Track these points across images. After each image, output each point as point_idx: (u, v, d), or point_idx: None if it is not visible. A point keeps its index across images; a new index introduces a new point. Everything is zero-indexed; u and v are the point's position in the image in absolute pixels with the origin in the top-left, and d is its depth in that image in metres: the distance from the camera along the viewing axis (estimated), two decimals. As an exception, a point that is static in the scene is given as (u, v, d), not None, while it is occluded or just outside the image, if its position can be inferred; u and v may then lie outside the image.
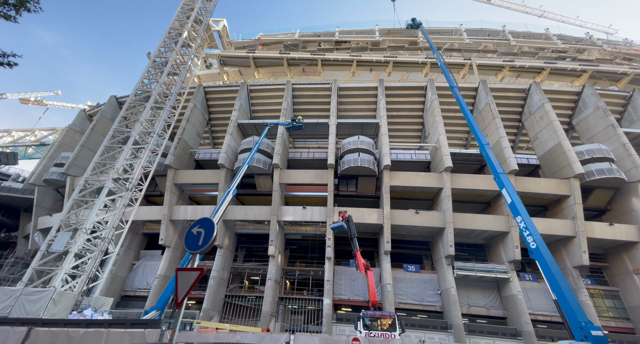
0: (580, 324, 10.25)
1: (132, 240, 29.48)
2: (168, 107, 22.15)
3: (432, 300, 25.15)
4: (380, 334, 13.38)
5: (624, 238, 23.54)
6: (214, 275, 25.31)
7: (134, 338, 6.00)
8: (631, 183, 24.30)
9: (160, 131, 23.18)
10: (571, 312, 10.73)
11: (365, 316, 14.69)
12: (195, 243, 5.15)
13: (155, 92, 21.41)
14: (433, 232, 26.70)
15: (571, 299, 10.92)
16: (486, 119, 28.54)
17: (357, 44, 37.76)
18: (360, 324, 14.29)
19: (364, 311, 15.16)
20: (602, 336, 9.74)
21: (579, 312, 10.62)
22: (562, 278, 11.57)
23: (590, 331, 9.87)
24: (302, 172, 27.44)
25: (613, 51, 36.09)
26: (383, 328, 13.72)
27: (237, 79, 40.47)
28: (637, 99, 29.69)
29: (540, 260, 12.32)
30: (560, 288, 11.30)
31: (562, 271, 24.42)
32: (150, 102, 20.87)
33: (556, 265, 12.02)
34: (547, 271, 11.94)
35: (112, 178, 17.54)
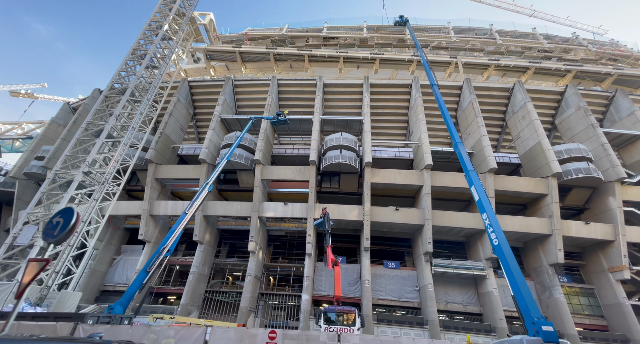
0: (533, 320, 10.42)
1: (113, 235, 29.25)
2: (146, 100, 21.87)
3: (410, 296, 25.37)
4: (339, 328, 13.48)
5: (599, 237, 23.86)
6: (194, 271, 25.24)
7: (44, 331, 5.94)
8: (608, 183, 24.60)
9: (138, 125, 22.90)
10: (526, 308, 10.89)
11: (326, 311, 14.80)
12: (52, 233, 5.05)
13: (132, 85, 21.12)
14: (413, 229, 26.86)
15: (527, 296, 11.07)
16: (469, 117, 28.63)
17: (345, 40, 37.55)
18: (322, 319, 14.39)
19: (325, 306, 15.24)
20: (552, 331, 9.90)
21: (533, 308, 10.78)
22: (520, 275, 11.72)
23: (541, 326, 10.03)
24: (285, 168, 27.38)
25: (598, 51, 36.33)
26: (346, 323, 13.82)
27: (224, 74, 40.09)
28: (619, 99, 29.96)
29: (501, 257, 12.47)
30: (518, 285, 11.45)
31: (539, 268, 24.82)
32: (126, 95, 20.59)
33: (515, 262, 12.16)
34: (506, 268, 12.09)
35: (83, 171, 17.32)
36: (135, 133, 25.18)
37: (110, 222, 29.05)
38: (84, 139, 19.09)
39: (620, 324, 22.68)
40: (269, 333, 6.21)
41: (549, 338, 9.62)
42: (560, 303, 22.50)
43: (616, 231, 23.57)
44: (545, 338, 9.62)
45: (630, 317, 22.03)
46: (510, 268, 11.88)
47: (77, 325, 6.19)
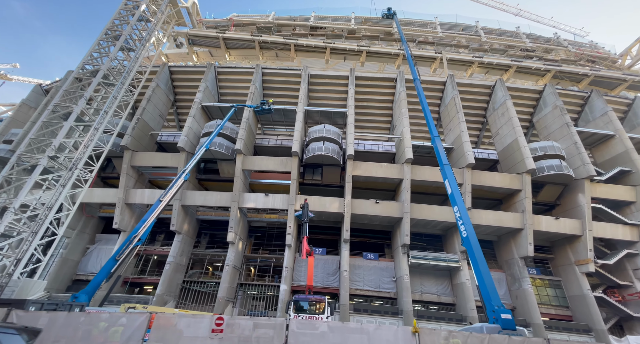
0: (494, 308, 10.82)
1: (87, 223, 28.30)
2: (120, 83, 20.93)
3: (387, 287, 25.89)
4: (308, 317, 13.64)
5: (568, 232, 24.92)
6: (170, 260, 24.83)
7: (-27, 318, 5.72)
8: (578, 180, 25.59)
9: (112, 109, 21.97)
10: (488, 297, 11.29)
11: (296, 300, 14.93)
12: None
13: (105, 67, 20.14)
14: (393, 222, 27.25)
15: (489, 286, 11.46)
16: (451, 113, 29.00)
17: (333, 31, 37.03)
18: (291, 308, 14.51)
19: (296, 296, 15.37)
20: (510, 319, 10.33)
21: (495, 297, 11.18)
22: (484, 266, 12.10)
23: (500, 314, 10.43)
24: (266, 158, 27.05)
25: (577, 52, 37.38)
26: (318, 312, 13.98)
27: (207, 60, 38.90)
28: (594, 100, 31.00)
29: (468, 248, 12.84)
30: (482, 275, 11.83)
31: (510, 261, 25.75)
32: (98, 77, 19.62)
33: (482, 254, 12.55)
34: (473, 259, 12.46)
35: (49, 155, 16.50)
36: (110, 119, 24.26)
37: (84, 210, 28.06)
38: (50, 122, 18.14)
39: (583, 315, 23.95)
40: (215, 319, 6.12)
41: (506, 325, 10.03)
42: (528, 294, 23.51)
43: (584, 227, 24.67)
44: (504, 325, 10.03)
45: (593, 308, 23.28)
46: (476, 259, 12.25)
47: (11, 311, 5.90)
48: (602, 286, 26.34)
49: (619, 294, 25.44)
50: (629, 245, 25.57)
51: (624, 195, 26.07)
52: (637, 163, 26.24)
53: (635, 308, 24.17)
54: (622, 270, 25.99)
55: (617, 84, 35.11)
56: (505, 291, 25.74)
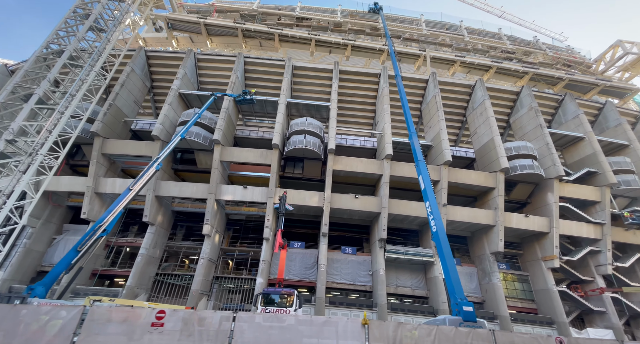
0: (457, 301, 11.09)
1: (53, 213, 26.92)
2: (88, 65, 19.76)
3: (363, 280, 26.21)
4: (275, 310, 13.58)
5: (536, 229, 25.96)
6: (143, 252, 24.07)
7: None
8: (548, 180, 26.62)
9: (81, 93, 20.79)
10: (452, 290, 11.55)
11: (264, 293, 14.84)
12: None
13: (72, 47, 18.91)
14: (371, 217, 27.50)
15: (454, 280, 11.72)
16: (431, 111, 29.35)
17: (318, 22, 36.45)
18: (259, 301, 14.41)
19: (264, 289, 15.26)
20: (471, 311, 10.63)
21: (458, 290, 11.46)
22: (451, 261, 12.36)
23: (462, 306, 10.71)
24: (246, 150, 26.51)
25: (554, 56, 38.66)
26: (288, 305, 13.93)
27: (188, 46, 37.44)
28: (567, 103, 32.19)
29: (437, 242, 13.08)
30: (448, 269, 12.08)
31: (482, 256, 26.59)
32: (63, 57, 18.41)
33: (449, 248, 12.81)
34: (440, 253, 12.71)
35: (6, 139, 15.42)
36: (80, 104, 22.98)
37: (50, 199, 26.68)
38: (10, 104, 16.92)
39: (547, 308, 25.16)
40: (156, 313, 5.86)
41: (468, 317, 10.31)
42: (497, 288, 24.43)
43: (551, 224, 25.77)
44: (465, 317, 10.30)
45: (557, 301, 24.48)
46: (444, 253, 12.49)
47: None
48: (566, 281, 27.79)
49: (581, 289, 26.86)
50: (592, 243, 26.96)
51: (590, 195, 27.36)
52: (603, 165, 27.53)
53: (596, 303, 25.60)
54: (585, 266, 27.44)
55: (590, 88, 36.59)
56: (476, 285, 26.64)
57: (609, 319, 24.57)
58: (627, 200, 29.55)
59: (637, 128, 34.15)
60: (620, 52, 39.50)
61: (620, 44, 39.51)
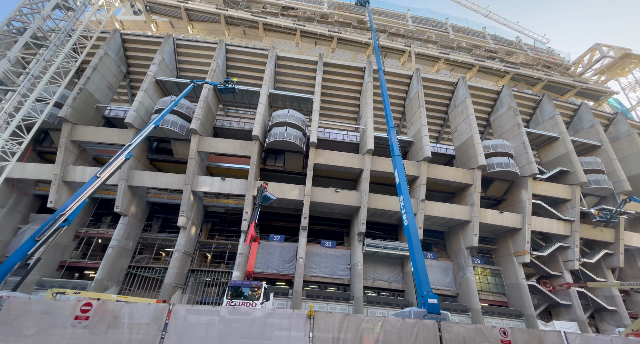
0: (423, 293, 11.20)
1: (18, 201, 25.53)
2: (53, 45, 18.56)
3: (342, 274, 26.31)
4: (242, 303, 13.39)
5: (509, 225, 26.69)
6: (114, 244, 23.23)
7: None
8: (523, 178, 27.33)
9: (48, 75, 19.62)
10: (419, 283, 11.65)
11: (231, 286, 14.62)
12: None
13: (35, 25, 17.67)
14: (352, 211, 27.53)
15: (422, 272, 11.81)
16: (414, 107, 29.45)
17: (305, 13, 35.73)
18: (225, 294, 14.18)
19: (231, 281, 15.05)
20: (436, 303, 10.75)
21: (425, 283, 11.56)
22: (420, 254, 12.44)
23: (427, 299, 10.82)
24: (225, 141, 25.85)
25: (535, 57, 39.56)
26: (254, 298, 13.75)
27: (169, 32, 35.96)
28: (545, 103, 33.02)
29: (407, 235, 13.16)
30: (416, 262, 12.16)
31: (457, 251, 27.16)
32: (25, 36, 17.19)
33: (419, 241, 12.89)
34: (410, 246, 12.78)
35: (-44, 121, 14.32)
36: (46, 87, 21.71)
37: (15, 187, 25.28)
38: (-37, 83, 15.70)
39: (517, 301, 26.05)
40: (82, 305, 5.50)
41: (432, 310, 10.42)
42: (470, 282, 25.05)
43: (524, 221, 26.53)
44: (429, 309, 10.41)
45: (526, 295, 25.38)
46: (413, 247, 12.56)
47: None
48: (537, 276, 28.83)
49: (550, 283, 27.96)
50: (562, 239, 28.00)
51: (561, 193, 28.31)
52: (575, 165, 28.48)
53: (563, 297, 26.71)
54: (555, 262, 28.52)
55: (567, 90, 37.69)
56: (451, 279, 27.25)
57: (574, 313, 25.69)
58: (596, 198, 30.81)
59: (610, 129, 35.50)
60: (598, 55, 40.84)
61: (598, 48, 40.81)
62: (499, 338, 7.07)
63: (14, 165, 23.51)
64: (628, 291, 30.14)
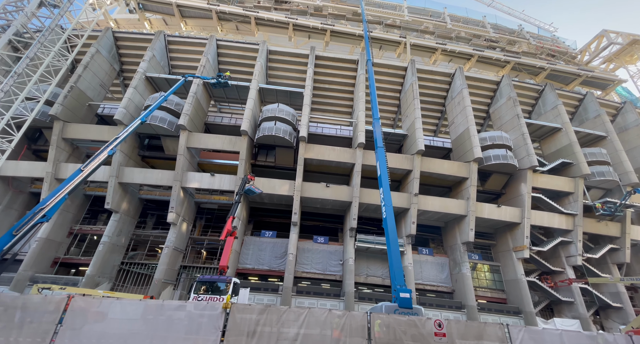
0: (396, 287, 10.73)
1: (14, 199, 25.98)
2: (37, 42, 18.61)
3: (334, 270, 25.95)
4: (209, 298, 13.15)
5: (508, 219, 25.77)
6: (105, 241, 23.41)
7: None
8: (522, 170, 26.32)
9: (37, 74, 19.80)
10: (394, 276, 11.18)
11: (198, 280, 14.39)
12: None
13: (18, 23, 17.75)
14: (344, 206, 27.07)
15: (396, 266, 11.34)
16: (408, 100, 28.69)
17: (298, 6, 35.16)
18: (193, 289, 13.96)
19: (200, 276, 14.83)
20: (408, 298, 10.29)
21: (399, 277, 11.10)
22: (396, 247, 11.96)
23: (399, 293, 10.35)
24: (214, 136, 25.70)
25: (538, 45, 38.02)
26: (222, 293, 13.50)
27: (163, 29, 36.00)
28: (547, 93, 31.72)
29: (385, 228, 12.70)
30: (391, 256, 11.68)
31: (454, 246, 26.42)
32: (8, 33, 17.28)
33: (396, 234, 12.40)
34: (387, 239, 12.32)
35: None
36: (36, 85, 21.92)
37: (10, 185, 25.73)
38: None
39: (516, 298, 25.21)
40: None
41: (403, 304, 9.96)
42: (466, 278, 24.34)
43: (523, 215, 25.58)
44: (401, 304, 9.96)
45: (525, 291, 24.50)
46: (390, 240, 12.10)
47: None
48: (538, 272, 27.86)
49: (551, 280, 26.93)
50: (564, 234, 26.92)
51: (563, 186, 27.18)
52: (578, 156, 27.29)
53: (565, 293, 25.72)
54: (557, 257, 27.50)
55: (572, 79, 36.18)
56: (447, 275, 26.56)
57: (577, 310, 24.71)
58: (602, 191, 29.50)
59: (618, 119, 33.94)
60: (605, 42, 39.03)
61: (605, 34, 39.00)
62: (433, 330, 6.68)
63: (8, 163, 24.04)
64: (637, 288, 28.89)
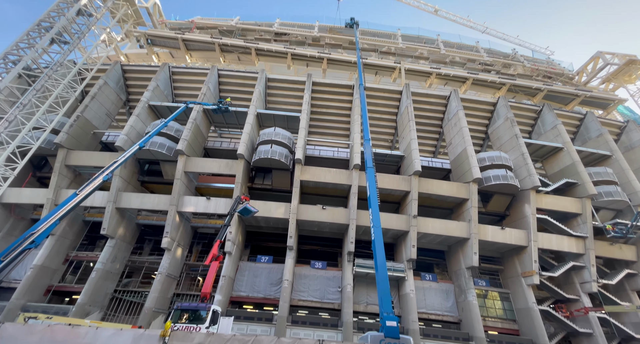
0: (382, 315, 10.11)
1: (15, 226, 26.29)
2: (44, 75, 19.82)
3: (332, 297, 24.77)
4: (185, 327, 12.47)
5: (513, 242, 24.62)
6: (98, 267, 23.13)
7: None
8: (524, 191, 25.57)
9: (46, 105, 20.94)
10: (381, 303, 10.57)
11: (176, 308, 13.76)
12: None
13: (28, 58, 19.06)
14: (343, 229, 26.43)
15: (383, 292, 10.75)
16: (404, 121, 28.94)
17: (296, 37, 37.11)
18: (171, 316, 13.33)
19: (178, 303, 14.22)
20: (394, 327, 9.66)
21: (386, 303, 10.52)
22: (383, 271, 11.42)
23: (386, 321, 9.71)
24: (211, 160, 26.08)
25: (533, 68, 38.59)
26: (199, 321, 12.82)
27: (170, 62, 38.15)
28: (546, 113, 31.63)
29: (374, 251, 12.29)
30: (379, 280, 11.11)
31: (458, 272, 25.18)
32: (17, 67, 18.52)
33: (384, 258, 11.90)
34: (375, 262, 11.83)
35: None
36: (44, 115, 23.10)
37: (13, 211, 26.18)
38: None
39: (529, 329, 23.35)
40: None
41: (389, 334, 9.32)
42: (473, 306, 22.84)
43: (529, 237, 24.44)
44: (387, 333, 9.32)
45: (538, 322, 22.73)
46: (377, 263, 11.60)
47: None
48: (551, 300, 26.04)
49: (566, 308, 25.06)
50: (575, 258, 25.44)
51: (570, 206, 26.15)
52: (583, 176, 26.49)
53: (582, 324, 23.75)
54: (570, 284, 25.79)
55: (571, 99, 36.17)
56: (452, 303, 25.03)
57: (596, 342, 22.64)
58: (611, 212, 28.21)
59: (622, 138, 33.30)
60: (602, 63, 39.41)
61: (601, 55, 39.48)
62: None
63: (11, 190, 24.65)
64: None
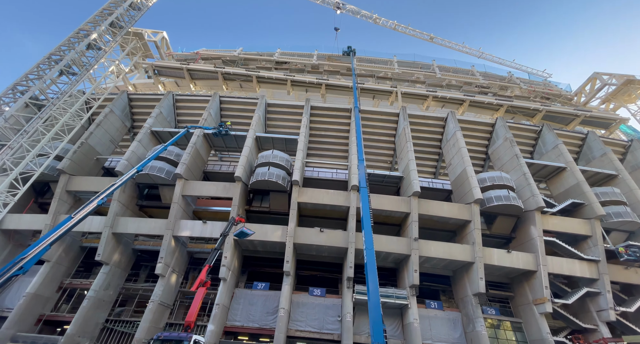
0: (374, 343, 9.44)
1: (14, 252, 26.17)
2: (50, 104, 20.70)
3: (332, 327, 23.43)
4: None
5: (521, 267, 23.41)
6: (90, 295, 22.56)
7: None
8: (529, 212, 24.75)
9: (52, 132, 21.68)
10: (372, 332, 9.90)
11: (156, 338, 13.03)
12: None
13: (35, 88, 20.05)
14: (342, 253, 25.61)
15: (375, 320, 10.12)
16: (402, 143, 29.01)
17: (296, 65, 38.69)
18: None
19: (158, 333, 13.46)
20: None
21: (377, 333, 9.88)
22: (375, 297, 10.82)
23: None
24: (208, 183, 26.17)
25: (529, 89, 39.04)
26: None
27: (175, 90, 39.79)
28: (546, 133, 31.46)
29: (366, 274, 11.77)
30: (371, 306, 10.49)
31: (465, 299, 23.89)
32: (25, 96, 19.44)
33: (377, 283, 11.33)
34: (367, 287, 11.28)
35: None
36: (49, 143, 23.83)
37: (12, 238, 26.25)
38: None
39: (546, 362, 21.48)
40: None
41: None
42: (482, 337, 21.29)
43: (537, 261, 23.26)
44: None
45: (554, 354, 20.99)
46: (370, 289, 11.02)
47: None
48: (567, 330, 24.19)
49: (584, 339, 23.18)
50: (589, 283, 23.96)
51: (578, 228, 25.09)
52: (589, 196, 25.68)
53: (604, 356, 21.81)
54: (587, 312, 24.06)
55: (571, 119, 36.10)
56: (460, 333, 23.39)
57: (622, 378, 20.61)
58: (623, 234, 26.90)
59: (628, 157, 32.68)
60: (599, 83, 39.70)
61: (598, 76, 39.89)
62: None
63: (11, 216, 24.85)
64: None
